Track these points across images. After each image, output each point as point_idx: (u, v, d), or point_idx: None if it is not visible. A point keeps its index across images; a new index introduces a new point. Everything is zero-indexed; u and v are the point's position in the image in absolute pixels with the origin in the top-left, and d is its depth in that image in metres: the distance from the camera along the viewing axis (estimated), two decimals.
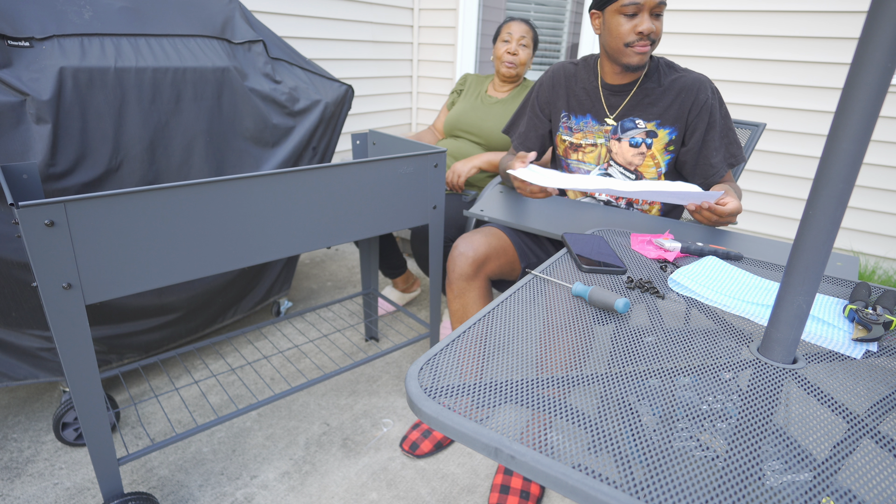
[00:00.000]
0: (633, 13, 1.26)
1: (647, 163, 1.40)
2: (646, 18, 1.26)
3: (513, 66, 2.00)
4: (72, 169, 1.25)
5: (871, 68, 0.52)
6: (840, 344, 0.73)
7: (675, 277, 0.89)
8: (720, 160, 1.36)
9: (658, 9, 1.26)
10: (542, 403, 0.57)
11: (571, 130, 1.48)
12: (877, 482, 0.49)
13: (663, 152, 1.40)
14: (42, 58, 1.19)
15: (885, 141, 2.10)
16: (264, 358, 1.72)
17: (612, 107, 1.42)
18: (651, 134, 1.38)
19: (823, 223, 0.58)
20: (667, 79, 1.37)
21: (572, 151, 1.49)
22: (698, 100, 1.34)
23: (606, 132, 1.42)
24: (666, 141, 1.38)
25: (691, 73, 1.37)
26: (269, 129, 1.57)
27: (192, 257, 1.05)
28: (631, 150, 1.40)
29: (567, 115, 1.48)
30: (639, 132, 1.39)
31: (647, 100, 1.38)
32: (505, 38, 2.00)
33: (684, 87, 1.35)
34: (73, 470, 1.35)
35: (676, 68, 1.39)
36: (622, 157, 1.42)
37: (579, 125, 1.46)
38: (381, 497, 1.32)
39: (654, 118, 1.38)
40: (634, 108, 1.39)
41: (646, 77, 1.38)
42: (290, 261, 1.95)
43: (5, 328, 1.32)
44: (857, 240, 2.26)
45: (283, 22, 2.34)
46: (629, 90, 1.39)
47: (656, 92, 1.37)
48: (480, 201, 1.42)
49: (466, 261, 1.33)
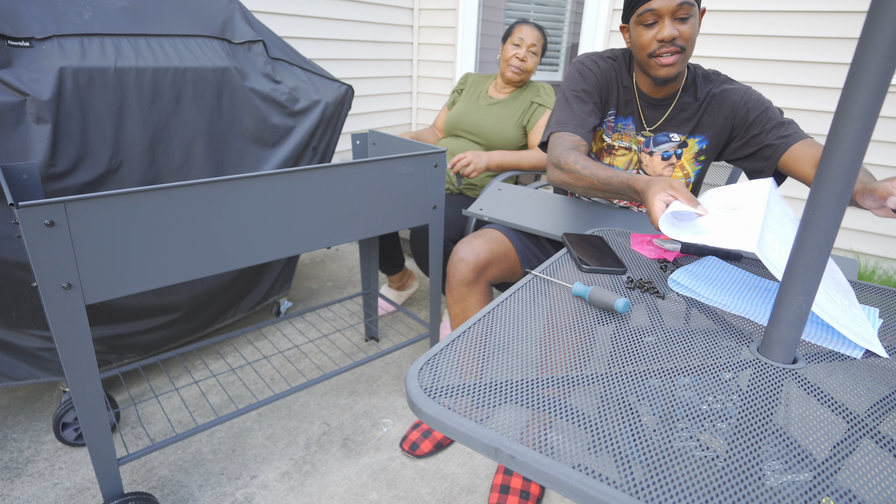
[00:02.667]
0: (653, 21, 1.19)
1: (677, 173, 1.37)
2: (667, 24, 1.17)
3: (519, 73, 1.99)
4: (72, 169, 1.25)
5: (871, 68, 0.52)
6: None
7: (675, 277, 0.89)
8: (790, 131, 1.25)
9: (681, 11, 1.16)
10: (542, 403, 0.57)
11: (613, 130, 1.41)
12: (877, 482, 0.49)
13: (692, 162, 1.36)
14: (42, 58, 1.19)
15: (886, 141, 2.10)
16: (264, 358, 1.72)
17: (649, 120, 1.36)
18: (682, 145, 1.34)
19: (823, 223, 0.58)
20: (702, 91, 1.32)
21: (606, 154, 1.43)
22: (732, 104, 1.28)
23: (639, 143, 1.37)
24: (696, 150, 1.34)
25: (732, 82, 1.31)
26: (269, 129, 1.57)
27: (192, 257, 1.05)
28: (662, 163, 1.37)
29: (615, 113, 1.40)
30: (672, 146, 1.35)
31: (684, 115, 1.33)
32: (516, 42, 1.98)
33: (717, 97, 1.29)
34: (73, 470, 1.35)
35: (713, 78, 1.33)
36: (652, 170, 1.38)
37: (619, 126, 1.40)
38: (381, 497, 1.32)
39: (688, 131, 1.33)
40: (670, 122, 1.34)
41: (683, 91, 1.32)
42: (290, 261, 1.95)
43: (5, 328, 1.32)
44: (857, 240, 2.26)
45: (283, 22, 2.34)
46: (667, 105, 1.33)
47: (692, 107, 1.32)
48: (480, 201, 1.42)
49: (467, 266, 1.31)
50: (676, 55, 1.20)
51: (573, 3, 3.62)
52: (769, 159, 1.27)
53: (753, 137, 1.28)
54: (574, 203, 1.40)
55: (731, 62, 2.31)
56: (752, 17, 2.21)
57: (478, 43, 3.06)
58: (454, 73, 3.06)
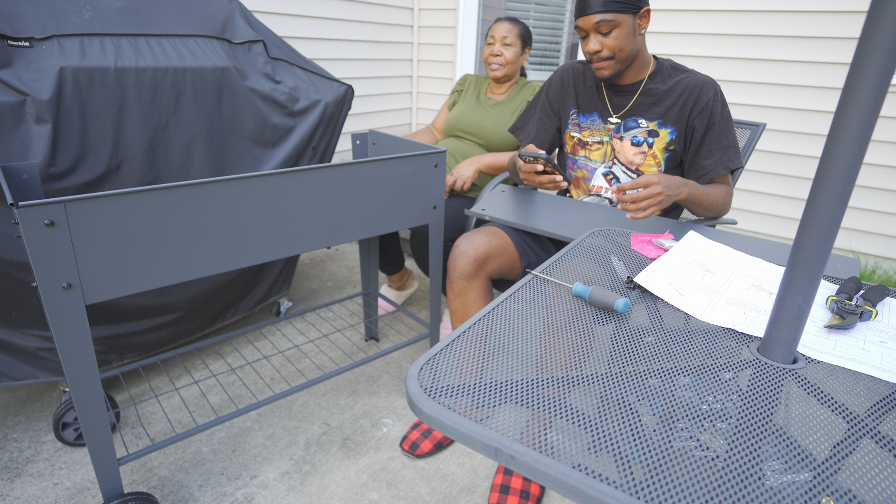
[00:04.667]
0: (584, 35, 1.34)
1: (649, 162, 1.41)
2: (591, 39, 1.32)
3: (498, 67, 1.99)
4: (72, 169, 1.25)
5: (871, 68, 0.52)
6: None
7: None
8: (714, 162, 1.37)
9: (602, 27, 1.29)
10: (542, 403, 0.57)
11: (580, 128, 1.50)
12: (877, 482, 0.49)
13: (663, 151, 1.40)
14: (42, 58, 1.19)
15: (885, 141, 2.10)
16: (264, 358, 1.72)
17: (617, 106, 1.44)
18: (653, 133, 1.40)
19: (823, 223, 0.58)
20: (671, 80, 1.39)
21: (580, 148, 1.51)
22: (700, 100, 1.34)
23: (609, 130, 1.44)
24: (667, 140, 1.39)
25: (696, 74, 1.38)
26: (269, 129, 1.57)
27: (192, 257, 1.05)
28: (633, 148, 1.41)
29: (576, 112, 1.51)
30: (641, 131, 1.41)
31: (650, 100, 1.40)
32: (489, 41, 2.01)
33: (687, 88, 1.36)
34: (73, 470, 1.35)
35: (682, 69, 1.41)
36: (623, 156, 1.43)
37: (586, 123, 1.49)
38: (381, 497, 1.32)
39: (656, 118, 1.39)
40: (638, 107, 1.41)
41: (650, 78, 1.40)
42: (290, 261, 1.95)
43: (5, 328, 1.32)
44: (857, 240, 2.26)
45: (283, 22, 2.34)
46: (634, 91, 1.41)
47: (659, 92, 1.39)
48: (481, 201, 1.42)
49: (467, 260, 1.33)
50: (605, 62, 1.35)
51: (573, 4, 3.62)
52: (691, 166, 1.41)
53: (698, 148, 1.39)
54: (575, 203, 1.40)
55: (732, 62, 2.30)
56: (752, 17, 2.21)
57: (478, 43, 3.06)
58: (454, 73, 3.06)
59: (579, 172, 1.51)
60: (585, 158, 1.49)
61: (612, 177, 1.45)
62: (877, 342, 0.73)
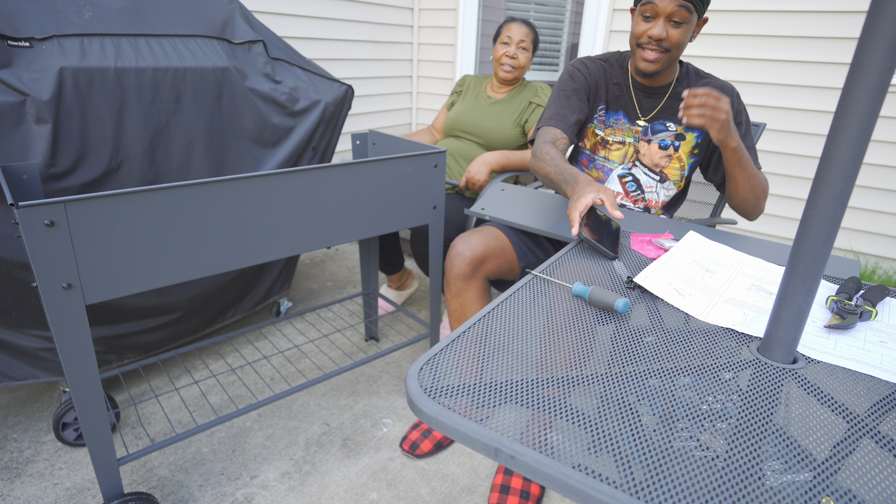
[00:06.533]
0: (650, 16, 1.27)
1: (673, 164, 1.42)
2: (660, 23, 1.25)
3: (511, 70, 2.00)
4: (72, 169, 1.25)
5: (871, 68, 0.52)
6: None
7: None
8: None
9: (677, 15, 1.23)
10: (543, 403, 0.57)
11: (605, 125, 1.47)
12: (877, 482, 0.49)
13: (689, 155, 1.42)
14: (42, 58, 1.19)
15: (885, 141, 2.10)
16: (264, 358, 1.72)
17: (645, 108, 1.42)
18: (679, 137, 1.40)
19: (823, 223, 0.58)
20: (696, 84, 1.39)
21: (601, 147, 1.48)
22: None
23: (636, 133, 1.43)
24: (693, 144, 1.40)
25: (717, 79, 1.40)
26: (269, 129, 1.57)
27: (192, 257, 1.05)
28: (659, 152, 1.41)
29: (605, 108, 1.47)
30: (668, 135, 1.40)
31: (679, 104, 1.39)
32: (504, 41, 2.00)
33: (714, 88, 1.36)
34: (73, 470, 1.35)
35: (703, 74, 1.42)
36: (649, 159, 1.43)
37: (610, 121, 1.46)
38: (381, 497, 1.32)
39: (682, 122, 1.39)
40: (666, 111, 1.41)
41: (677, 82, 1.40)
42: (290, 261, 1.95)
43: (5, 328, 1.32)
44: (857, 240, 2.26)
45: (283, 22, 2.34)
46: (663, 93, 1.40)
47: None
48: (481, 200, 1.42)
49: (464, 260, 1.33)
50: (660, 54, 1.28)
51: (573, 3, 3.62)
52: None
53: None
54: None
55: (731, 62, 2.30)
56: (752, 17, 2.21)
57: (478, 43, 3.06)
58: (454, 73, 3.06)
59: (595, 173, 1.50)
60: (604, 159, 1.47)
61: (630, 179, 1.44)
62: (877, 342, 0.73)
